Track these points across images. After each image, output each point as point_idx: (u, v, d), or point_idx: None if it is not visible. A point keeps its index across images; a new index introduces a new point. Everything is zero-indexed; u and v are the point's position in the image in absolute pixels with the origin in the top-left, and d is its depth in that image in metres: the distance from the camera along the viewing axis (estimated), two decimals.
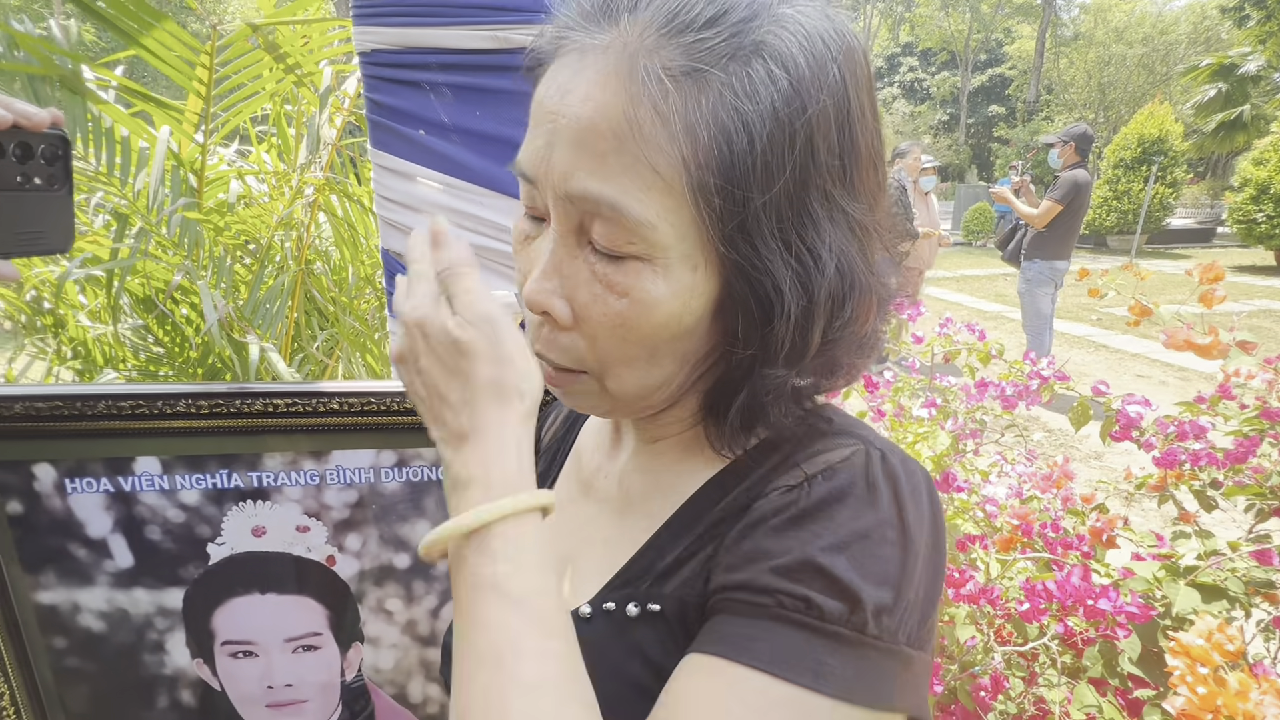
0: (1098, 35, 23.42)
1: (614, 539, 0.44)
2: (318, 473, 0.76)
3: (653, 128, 0.31)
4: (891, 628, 0.31)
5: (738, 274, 0.34)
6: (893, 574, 0.32)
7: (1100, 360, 5.69)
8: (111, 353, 1.19)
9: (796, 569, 0.32)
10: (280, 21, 1.05)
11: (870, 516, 0.33)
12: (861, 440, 0.37)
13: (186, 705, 0.82)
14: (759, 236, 0.33)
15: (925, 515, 0.34)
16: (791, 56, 0.32)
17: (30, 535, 0.73)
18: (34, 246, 0.46)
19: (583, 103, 0.32)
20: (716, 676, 0.31)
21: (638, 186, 0.32)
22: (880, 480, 0.34)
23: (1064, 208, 4.15)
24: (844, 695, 0.30)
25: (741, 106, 0.31)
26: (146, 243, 1.03)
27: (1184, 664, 0.78)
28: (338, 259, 1.35)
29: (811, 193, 0.33)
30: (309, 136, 1.19)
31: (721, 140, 0.31)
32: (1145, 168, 11.36)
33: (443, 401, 0.35)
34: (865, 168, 0.35)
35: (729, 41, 0.31)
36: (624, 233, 0.33)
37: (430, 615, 0.83)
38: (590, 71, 0.33)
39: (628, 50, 0.32)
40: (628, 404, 0.40)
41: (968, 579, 1.03)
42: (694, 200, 0.32)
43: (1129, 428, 1.33)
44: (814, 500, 0.34)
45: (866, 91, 0.35)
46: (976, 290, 8.85)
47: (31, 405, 0.68)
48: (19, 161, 0.44)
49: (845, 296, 0.35)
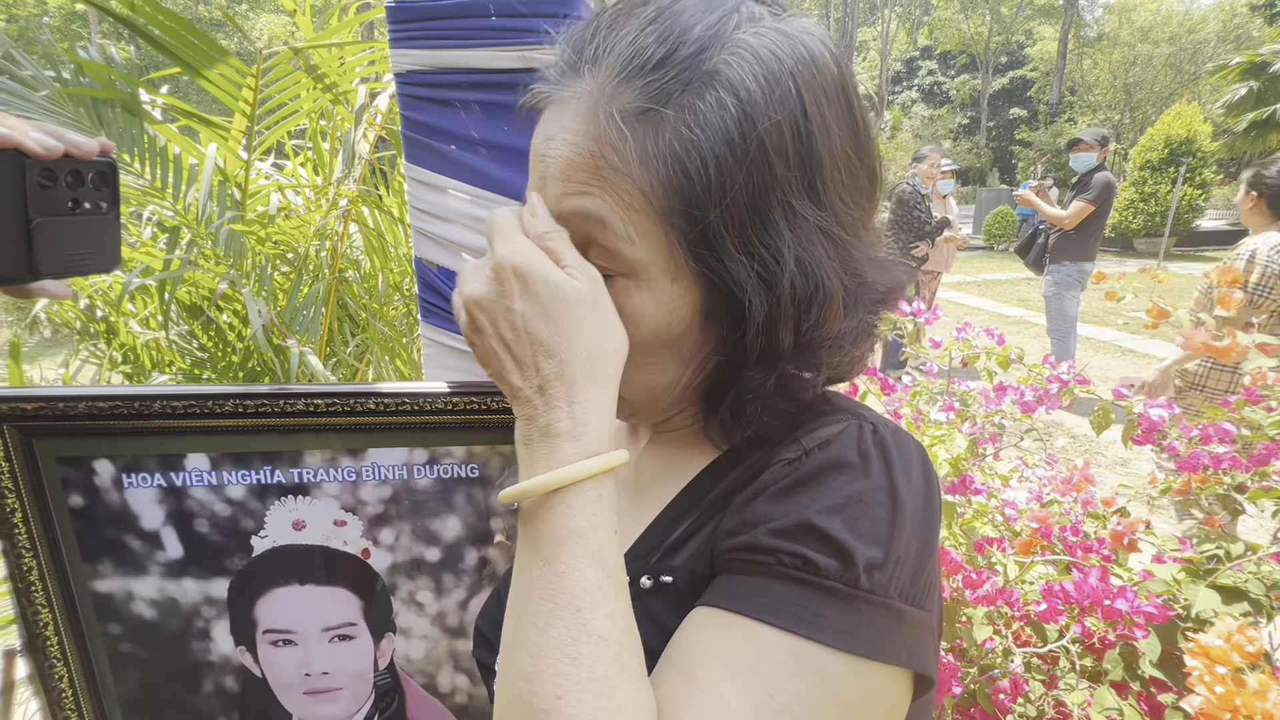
0: (1122, 35, 23.02)
1: (628, 518, 0.47)
2: (354, 469, 0.80)
3: (617, 164, 0.36)
4: (883, 582, 0.34)
5: (708, 284, 0.38)
6: (883, 533, 0.34)
7: (1126, 365, 5.58)
8: (158, 357, 1.25)
9: (794, 530, 0.34)
10: (319, 45, 1.11)
11: (863, 482, 0.35)
12: (856, 416, 0.40)
13: (230, 691, 0.86)
14: (722, 249, 0.36)
15: (915, 479, 0.37)
16: (742, 81, 0.35)
17: (89, 527, 0.78)
18: (83, 267, 0.49)
19: (561, 145, 0.37)
20: (723, 627, 0.34)
21: (618, 206, 0.36)
22: (871, 449, 0.37)
23: (1095, 209, 4.11)
24: (840, 645, 0.32)
25: (694, 136, 0.35)
26: (195, 253, 1.09)
27: (1202, 664, 0.78)
28: (368, 267, 1.40)
29: (771, 205, 0.36)
30: (344, 151, 1.25)
31: (676, 168, 0.35)
32: (1173, 169, 11.12)
33: (535, 346, 0.35)
34: (831, 173, 0.38)
35: (679, 78, 0.35)
36: (611, 254, 0.37)
37: (459, 608, 0.87)
38: (565, 119, 0.38)
39: (591, 98, 0.37)
40: (642, 405, 0.44)
41: (985, 580, 1.04)
42: (661, 223, 0.36)
43: (1151, 431, 1.32)
44: (810, 468, 0.37)
45: (835, 100, 0.38)
46: (999, 295, 8.73)
47: (94, 405, 0.73)
48: (70, 188, 0.47)
49: (811, 299, 0.37)
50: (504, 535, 0.84)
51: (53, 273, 0.47)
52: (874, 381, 1.27)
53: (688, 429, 0.47)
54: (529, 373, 0.36)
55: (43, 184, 0.45)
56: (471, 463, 0.82)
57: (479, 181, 0.79)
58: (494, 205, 0.81)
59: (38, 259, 0.45)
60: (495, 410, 0.80)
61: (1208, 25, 22.21)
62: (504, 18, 0.72)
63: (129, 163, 1.07)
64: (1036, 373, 1.51)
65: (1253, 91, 14.06)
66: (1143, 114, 22.21)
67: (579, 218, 0.37)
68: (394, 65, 0.76)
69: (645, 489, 0.49)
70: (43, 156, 0.44)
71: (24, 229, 0.44)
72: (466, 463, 0.82)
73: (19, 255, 0.45)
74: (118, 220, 0.51)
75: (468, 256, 0.83)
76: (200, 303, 1.16)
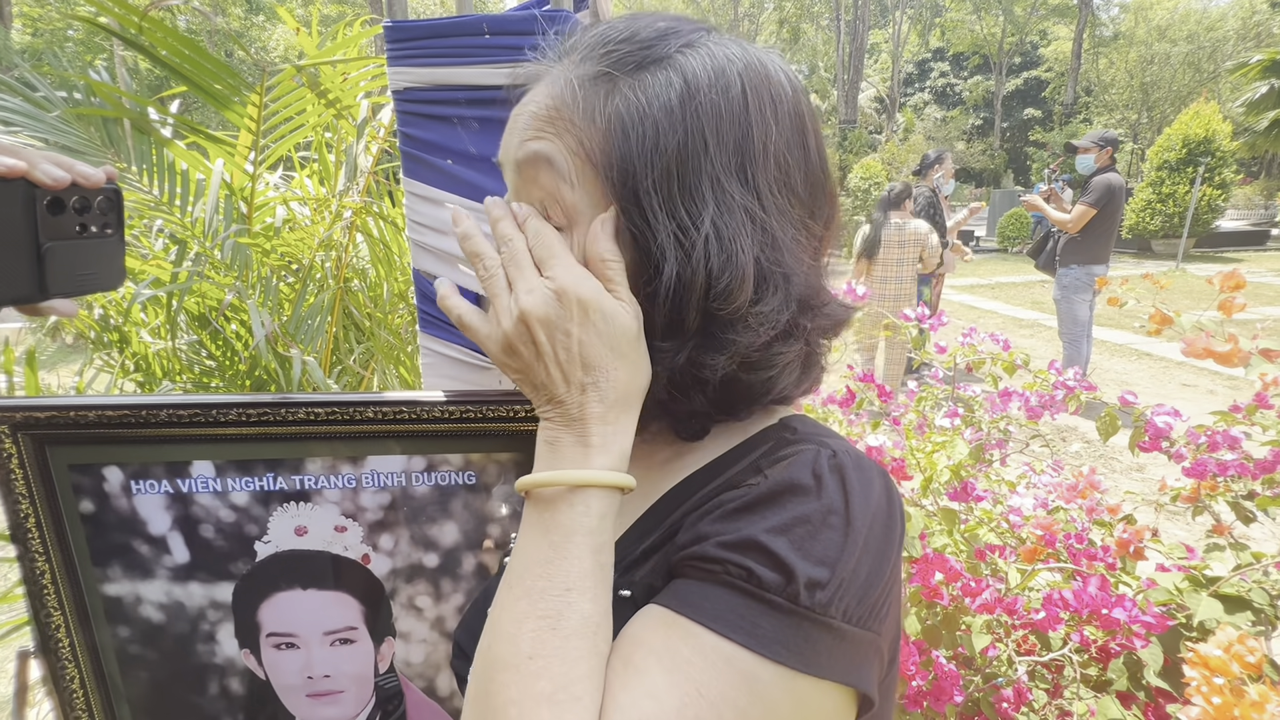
0: (1139, 34, 22.74)
1: None
2: (354, 476, 0.82)
3: (569, 116, 0.40)
4: (824, 601, 0.34)
5: (634, 249, 0.40)
6: (830, 555, 0.35)
7: (1143, 369, 5.50)
8: (169, 366, 1.29)
9: (741, 544, 0.36)
10: (322, 62, 1.14)
11: (814, 504, 0.36)
12: (817, 443, 0.41)
13: (235, 693, 0.88)
14: (648, 207, 0.39)
15: (874, 504, 0.37)
16: (691, 68, 0.40)
17: (99, 532, 0.80)
18: (90, 286, 0.52)
19: (529, 104, 0.43)
20: (667, 625, 0.36)
21: (566, 151, 0.40)
22: (827, 473, 0.38)
23: (1098, 211, 4.06)
24: (771, 655, 0.34)
25: (637, 100, 0.39)
26: (202, 265, 1.12)
27: (1200, 674, 0.78)
28: (374, 277, 1.43)
29: (702, 178, 0.39)
30: (347, 164, 1.28)
31: (617, 126, 0.39)
32: (1191, 169, 10.94)
33: (585, 369, 0.39)
34: (763, 165, 0.40)
35: (636, 54, 0.40)
36: (553, 198, 0.41)
37: (457, 612, 0.88)
38: (536, 90, 0.43)
39: (561, 70, 0.43)
40: None
41: (984, 588, 1.04)
42: (600, 177, 0.40)
43: (1158, 438, 1.30)
44: (764, 490, 0.38)
45: (785, 113, 0.41)
46: (1012, 298, 8.64)
47: (104, 414, 0.76)
48: (78, 213, 0.50)
49: (722, 269, 0.39)
50: (493, 543, 0.85)
51: (61, 292, 0.50)
52: (871, 389, 1.27)
53: (663, 430, 0.49)
54: (574, 389, 0.39)
55: (52, 211, 0.48)
56: (468, 470, 0.84)
57: (475, 195, 0.81)
58: None
59: (48, 280, 0.48)
60: (491, 419, 0.81)
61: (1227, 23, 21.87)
62: (497, 35, 0.74)
63: (138, 178, 1.11)
64: (1042, 378, 1.50)
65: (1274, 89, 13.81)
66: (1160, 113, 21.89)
67: (531, 159, 0.41)
68: (391, 83, 0.78)
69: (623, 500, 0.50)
70: (50, 187, 0.46)
71: (35, 253, 0.47)
72: (463, 470, 0.84)
73: (31, 277, 0.48)
74: (122, 242, 0.54)
75: (464, 268, 0.85)
76: (208, 313, 1.19)
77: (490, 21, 0.74)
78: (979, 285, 9.54)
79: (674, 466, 0.47)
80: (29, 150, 0.46)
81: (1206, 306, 1.26)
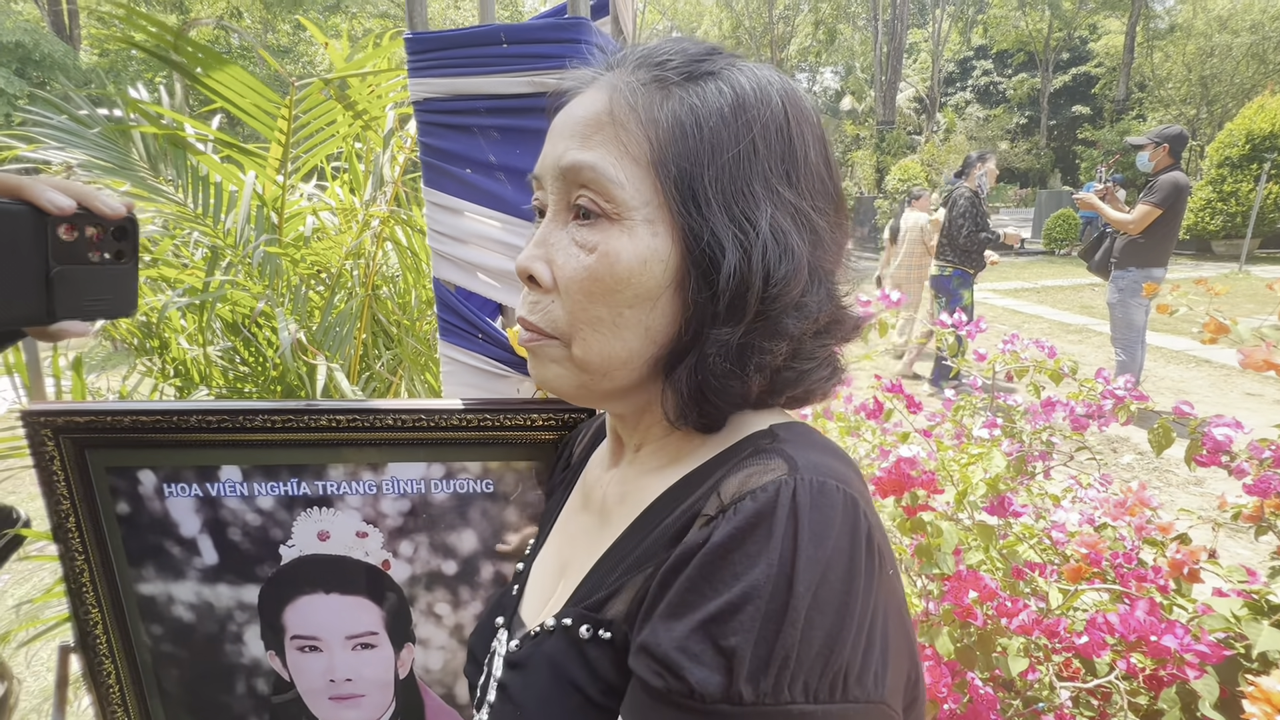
0: (1197, 25, 21.68)
1: (595, 549, 0.48)
2: (375, 483, 0.83)
3: (624, 117, 0.41)
4: (772, 689, 0.32)
5: (689, 236, 0.41)
6: (770, 632, 0.33)
7: (1202, 377, 5.22)
8: (205, 372, 1.33)
9: (685, 642, 0.34)
10: (349, 74, 1.17)
11: (758, 569, 0.34)
12: (786, 465, 0.37)
13: (261, 693, 0.90)
14: (705, 203, 0.40)
15: (827, 551, 0.34)
16: (739, 82, 0.42)
17: (134, 533, 0.83)
18: (98, 312, 0.53)
19: (577, 109, 0.44)
20: None
21: (613, 155, 0.41)
22: (781, 521, 0.35)
23: (1163, 212, 3.85)
24: None
25: (694, 105, 0.41)
26: (235, 274, 1.16)
27: (1261, 711, 0.72)
28: (402, 284, 1.46)
29: (754, 177, 0.41)
30: (374, 174, 1.31)
31: (676, 128, 0.41)
32: (1255, 166, 10.36)
33: None
34: (805, 173, 0.43)
35: (687, 66, 0.43)
36: (599, 193, 0.41)
37: (475, 620, 0.88)
38: (586, 96, 0.44)
39: (611, 79, 0.44)
40: (591, 375, 0.44)
41: (1021, 608, 0.99)
42: (655, 172, 0.41)
43: (1217, 451, 1.22)
44: (717, 542, 0.35)
45: (813, 134, 0.44)
46: (1059, 302, 8.31)
47: (138, 419, 0.78)
48: (92, 240, 0.51)
49: (780, 259, 0.40)
50: (510, 549, 0.85)
51: (69, 316, 0.51)
52: (899, 399, 1.23)
53: (661, 440, 0.48)
54: None
55: (65, 236, 0.49)
56: (486, 478, 0.84)
57: (493, 204, 0.81)
58: (509, 226, 0.83)
59: (55, 304, 0.50)
60: (509, 427, 0.81)
61: None
62: (515, 44, 0.74)
63: (174, 192, 1.15)
64: (1089, 387, 1.42)
65: None
66: (1221, 108, 20.82)
67: (574, 169, 0.42)
68: (412, 94, 0.79)
69: (609, 517, 0.49)
70: (54, 213, 0.48)
71: (44, 277, 0.49)
72: (482, 478, 0.84)
73: (38, 300, 0.49)
74: (135, 269, 0.55)
75: (484, 277, 0.85)
76: (241, 321, 1.23)
77: (508, 31, 0.74)
78: (1024, 289, 9.21)
79: (666, 472, 0.47)
80: (37, 179, 0.48)
81: (1271, 311, 1.17)
